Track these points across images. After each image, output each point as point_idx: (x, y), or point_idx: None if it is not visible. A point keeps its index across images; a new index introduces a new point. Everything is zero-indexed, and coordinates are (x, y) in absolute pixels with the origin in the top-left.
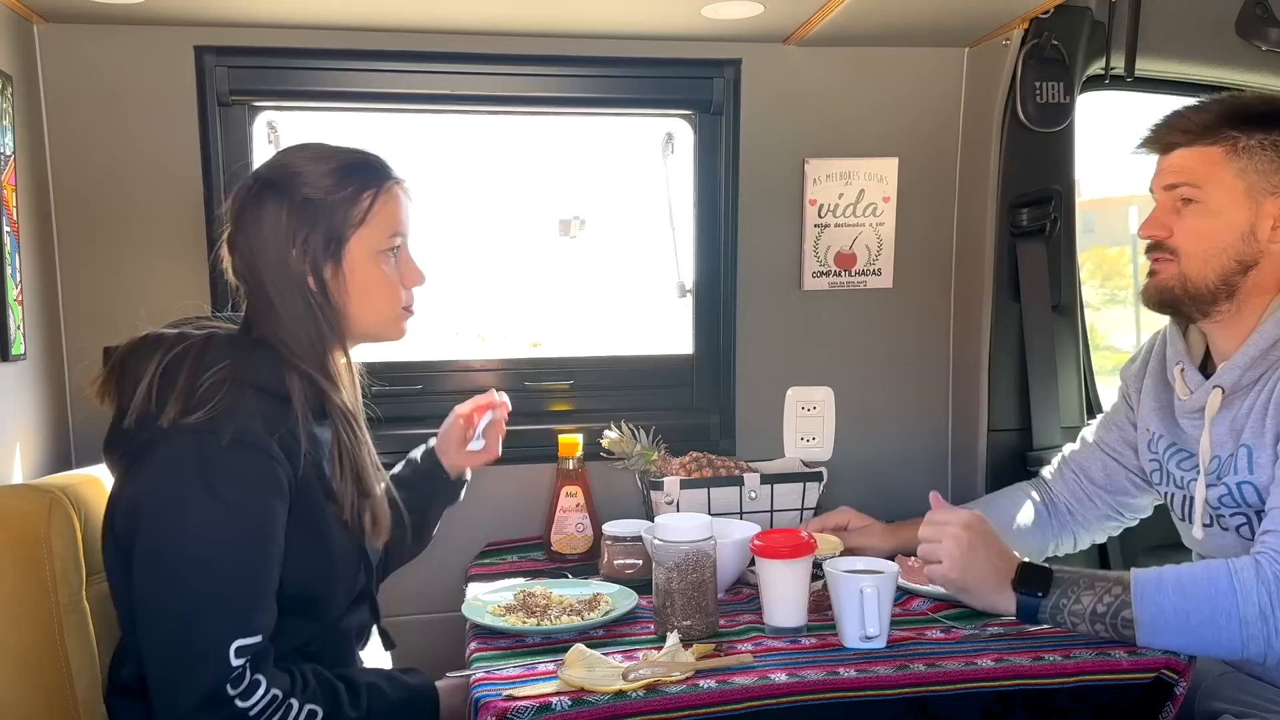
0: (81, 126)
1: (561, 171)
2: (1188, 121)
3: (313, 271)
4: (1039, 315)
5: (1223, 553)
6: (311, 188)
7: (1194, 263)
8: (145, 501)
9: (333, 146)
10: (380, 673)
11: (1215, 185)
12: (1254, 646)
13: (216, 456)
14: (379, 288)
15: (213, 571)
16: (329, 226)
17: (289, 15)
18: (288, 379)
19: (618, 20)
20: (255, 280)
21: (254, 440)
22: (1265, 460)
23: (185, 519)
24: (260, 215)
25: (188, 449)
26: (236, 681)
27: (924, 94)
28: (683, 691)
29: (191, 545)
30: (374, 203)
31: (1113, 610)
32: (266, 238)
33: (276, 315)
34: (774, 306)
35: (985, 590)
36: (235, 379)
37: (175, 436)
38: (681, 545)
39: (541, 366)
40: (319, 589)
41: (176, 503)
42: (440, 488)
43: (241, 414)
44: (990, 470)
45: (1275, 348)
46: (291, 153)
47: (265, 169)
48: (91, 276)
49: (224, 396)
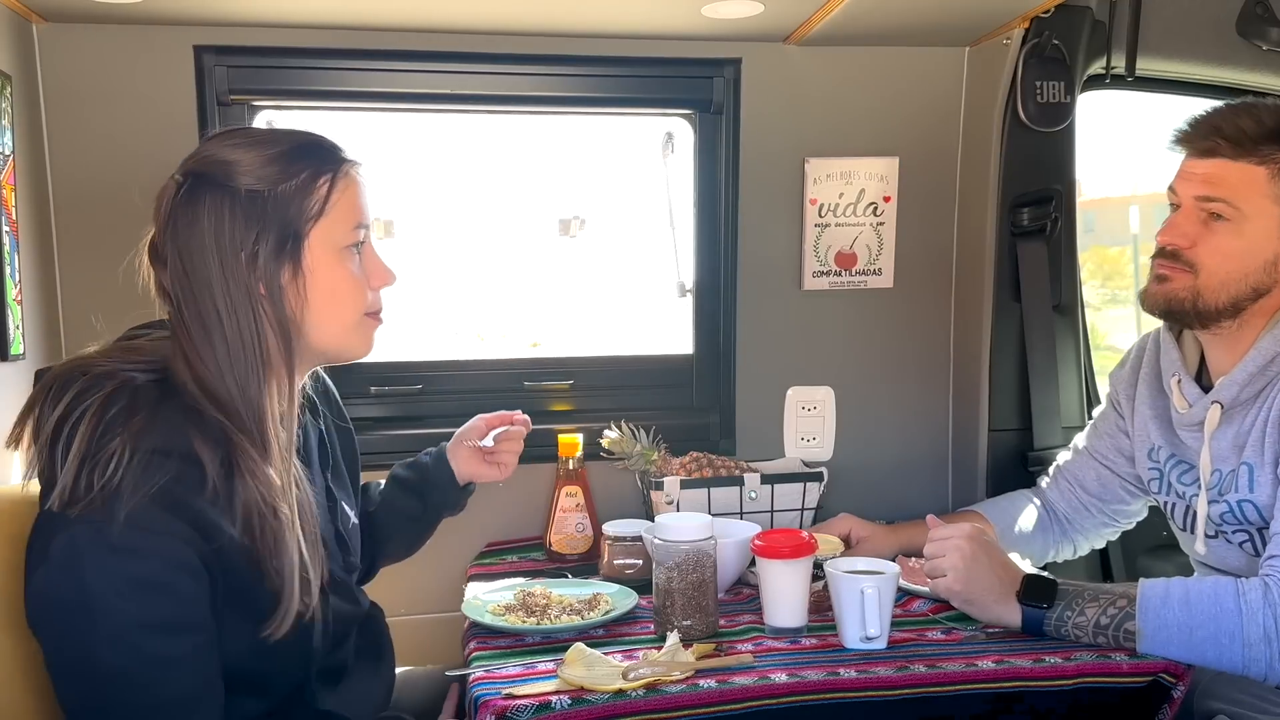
0: (81, 126)
1: (561, 171)
2: (1236, 129)
3: (265, 278)
4: (1039, 315)
5: (1227, 564)
6: (254, 177)
7: (1212, 281)
8: (45, 604)
9: (270, 130)
10: None
11: (1253, 209)
12: (1255, 668)
13: (111, 552)
14: (345, 291)
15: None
16: (282, 221)
17: (288, 15)
18: (195, 437)
19: (618, 20)
20: (187, 296)
21: (152, 525)
22: (1266, 480)
23: (93, 626)
24: (195, 216)
25: (80, 544)
26: None
27: (924, 94)
28: (682, 691)
29: (105, 653)
30: (331, 189)
31: (1116, 622)
32: (205, 241)
33: (206, 344)
34: (774, 306)
35: (990, 602)
36: (132, 448)
37: (67, 528)
38: (682, 545)
39: (541, 366)
40: (263, 665)
41: (79, 609)
42: (445, 493)
43: (137, 493)
44: (990, 470)
45: (1274, 363)
46: (224, 140)
47: (194, 162)
48: (91, 276)
49: (115, 472)
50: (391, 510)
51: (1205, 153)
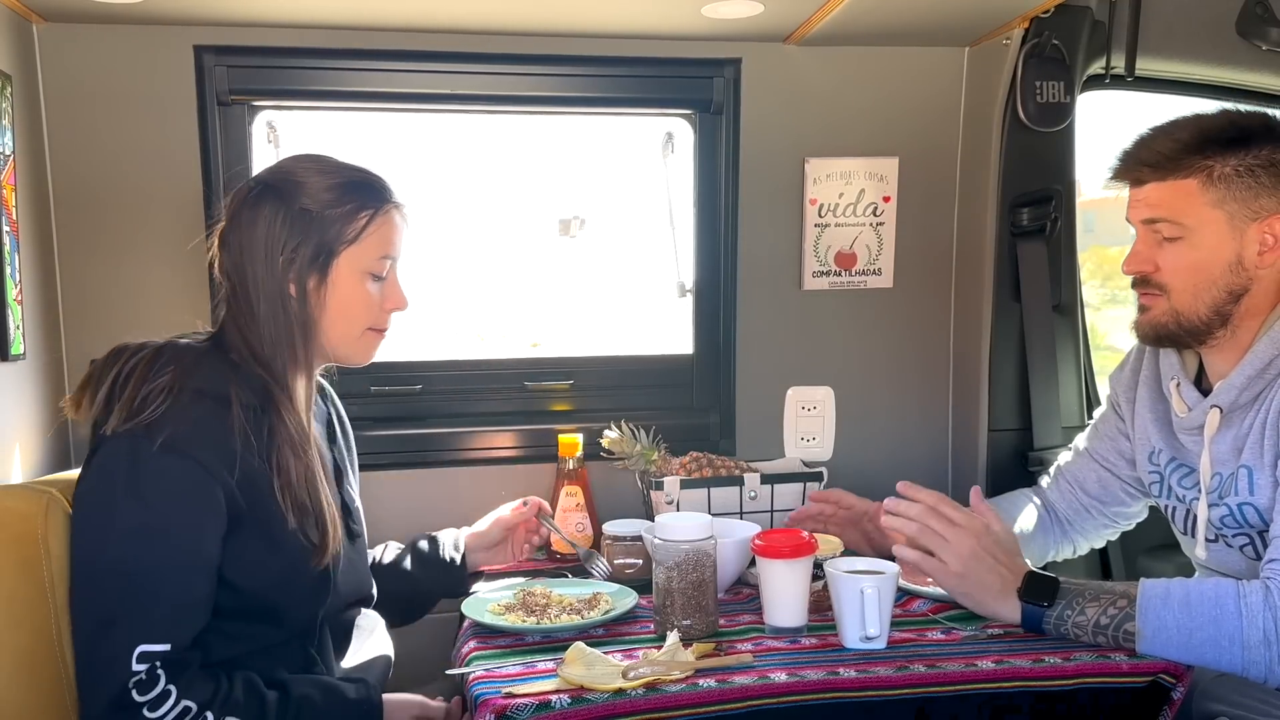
0: (81, 126)
1: (561, 171)
2: (1155, 153)
3: (296, 280)
4: (1039, 315)
5: (1227, 568)
6: (311, 199)
7: (1184, 297)
8: (78, 504)
9: (339, 162)
10: (320, 683)
11: (1194, 219)
12: (1255, 670)
13: (145, 462)
14: (358, 306)
15: (128, 577)
16: (321, 239)
17: (289, 15)
18: (230, 384)
19: (618, 20)
20: (239, 279)
21: (185, 446)
22: (1265, 482)
23: (109, 523)
24: (255, 217)
25: (119, 454)
26: (143, 689)
27: (924, 94)
28: (682, 690)
29: (112, 549)
30: (369, 223)
31: (1116, 622)
32: (258, 240)
33: (252, 317)
34: (774, 306)
35: (987, 597)
36: (176, 385)
37: (112, 442)
38: (682, 545)
39: (541, 366)
40: (276, 597)
41: (104, 506)
42: (455, 578)
43: (177, 420)
44: (990, 470)
45: (1271, 366)
46: (297, 161)
47: (269, 173)
48: (91, 276)
49: (161, 402)
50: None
51: (1136, 182)
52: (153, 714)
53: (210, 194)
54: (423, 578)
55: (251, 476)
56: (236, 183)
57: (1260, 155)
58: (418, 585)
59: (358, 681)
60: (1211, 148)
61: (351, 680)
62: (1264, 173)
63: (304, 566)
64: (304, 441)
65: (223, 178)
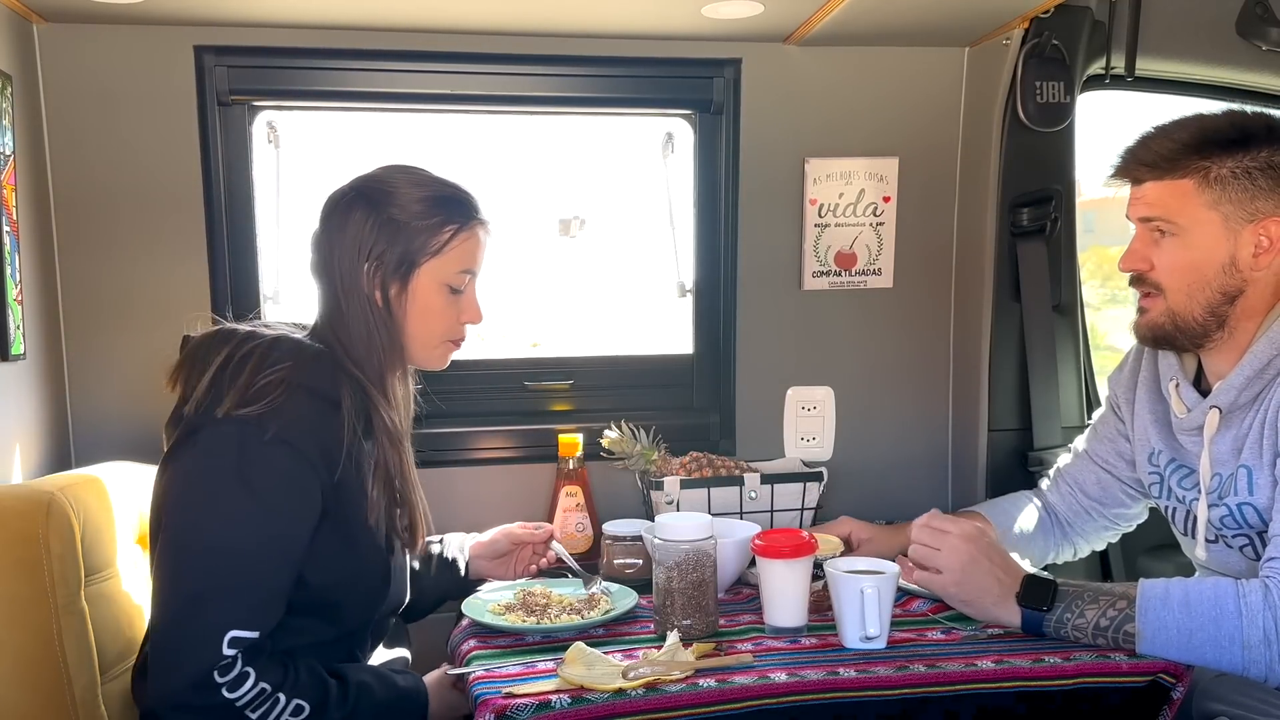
0: (81, 126)
1: (561, 171)
2: (1153, 153)
3: (380, 286)
4: (1039, 315)
5: (1228, 569)
6: (401, 209)
7: (1179, 297)
8: (180, 481)
9: (431, 175)
10: (374, 671)
11: (1190, 219)
12: (1255, 670)
13: (255, 450)
14: (436, 316)
15: (226, 560)
16: (406, 249)
17: (289, 15)
18: (341, 387)
19: (618, 20)
20: (327, 280)
21: (295, 441)
22: (1264, 482)
23: (213, 505)
24: (346, 222)
25: (230, 438)
26: (225, 671)
27: (924, 94)
28: (682, 690)
29: (212, 531)
30: (454, 238)
31: (1115, 624)
32: (346, 244)
33: (342, 318)
34: (774, 306)
35: (987, 603)
36: (291, 381)
37: (222, 425)
38: (682, 545)
39: (541, 366)
40: (339, 595)
41: (208, 488)
42: (455, 581)
43: (289, 415)
44: (990, 470)
45: (1270, 366)
46: (394, 171)
47: (363, 180)
48: (91, 276)
49: (277, 396)
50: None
51: (1135, 181)
52: (231, 694)
53: (210, 194)
54: (428, 578)
55: (346, 477)
56: (238, 183)
57: (1259, 158)
58: (423, 585)
59: (403, 672)
60: (1210, 149)
61: (397, 670)
62: (1261, 175)
63: (372, 567)
64: (400, 433)
65: (223, 178)
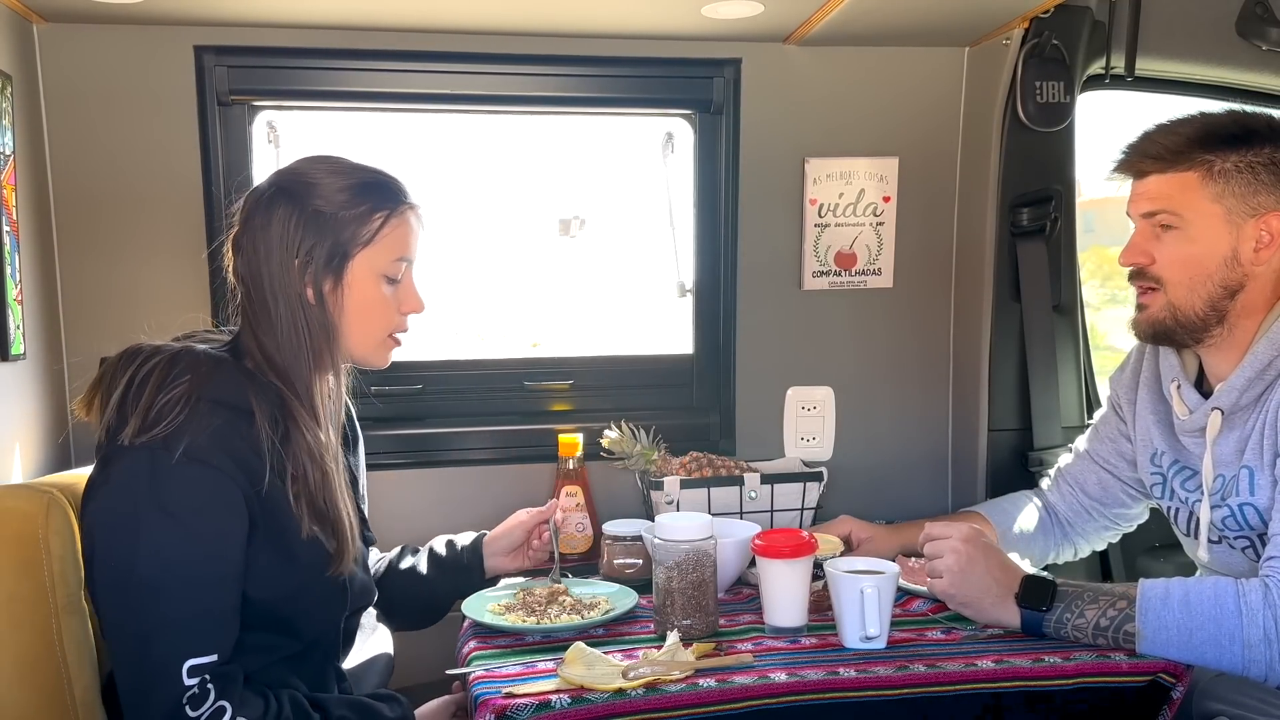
0: (81, 126)
1: (561, 171)
2: (1158, 146)
3: (312, 283)
4: (1039, 315)
5: (1230, 570)
6: (325, 200)
7: (1179, 290)
8: (99, 519)
9: (353, 163)
10: (357, 704)
11: (1193, 212)
12: (1255, 669)
13: (167, 474)
14: (374, 310)
15: (162, 593)
16: (335, 241)
17: (289, 15)
18: (251, 394)
19: (618, 20)
20: (254, 283)
21: (206, 457)
22: (1265, 482)
23: (136, 538)
24: (269, 220)
25: (140, 465)
26: (197, 703)
27: (924, 94)
28: (682, 690)
29: (143, 565)
30: (384, 224)
31: (1116, 624)
32: (272, 243)
33: (269, 323)
34: (774, 306)
35: (986, 604)
36: (192, 395)
37: (130, 453)
38: (682, 545)
39: (541, 366)
40: (288, 609)
41: (128, 522)
42: (472, 582)
43: (195, 430)
44: (990, 470)
45: (1271, 367)
46: (313, 162)
47: (281, 175)
48: (91, 276)
49: (179, 414)
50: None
51: (1138, 174)
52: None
53: (210, 194)
54: (439, 581)
55: (268, 487)
56: (239, 184)
57: (1262, 153)
58: (434, 588)
59: (390, 700)
60: (1214, 143)
61: (383, 699)
62: (1264, 171)
63: (319, 577)
64: (321, 448)
65: (223, 178)
